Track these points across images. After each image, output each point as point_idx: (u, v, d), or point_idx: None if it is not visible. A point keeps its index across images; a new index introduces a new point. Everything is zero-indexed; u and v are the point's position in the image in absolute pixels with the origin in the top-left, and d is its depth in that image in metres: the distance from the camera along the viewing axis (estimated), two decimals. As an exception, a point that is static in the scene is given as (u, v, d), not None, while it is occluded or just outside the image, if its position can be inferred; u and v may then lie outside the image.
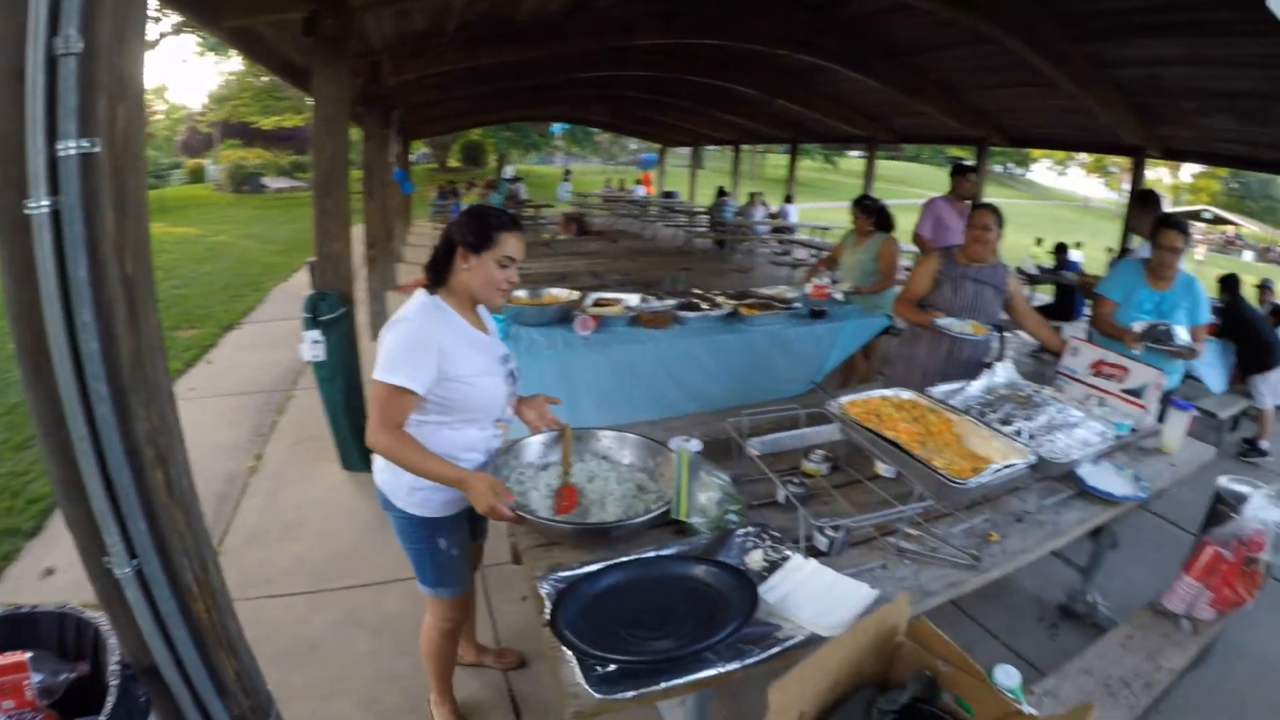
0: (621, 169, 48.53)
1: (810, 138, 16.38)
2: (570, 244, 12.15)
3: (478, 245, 2.34)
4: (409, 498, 2.48)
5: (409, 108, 12.83)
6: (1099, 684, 2.73)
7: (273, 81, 28.74)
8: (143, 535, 1.65)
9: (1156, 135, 8.79)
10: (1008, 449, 2.70)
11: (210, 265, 13.93)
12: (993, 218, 4.17)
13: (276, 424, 6.10)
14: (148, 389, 1.64)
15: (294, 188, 34.83)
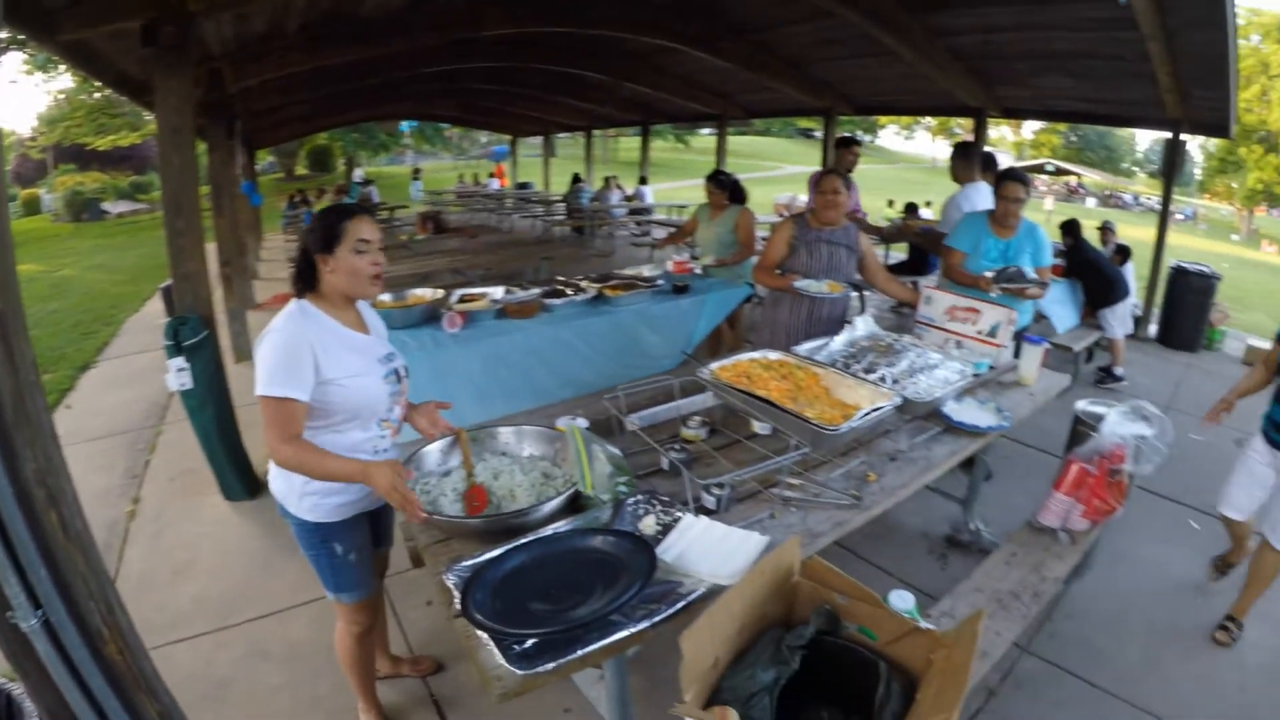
0: (474, 163, 47.94)
1: (661, 119, 16.63)
2: (429, 243, 11.95)
3: (329, 243, 2.33)
4: (300, 503, 2.46)
5: (252, 115, 12.35)
6: (990, 599, 2.93)
7: (106, 98, 27.13)
8: (45, 582, 1.56)
9: (995, 96, 9.29)
10: (874, 394, 2.89)
11: (56, 303, 13.06)
12: (840, 182, 4.32)
13: (150, 463, 5.79)
14: (31, 428, 1.56)
15: (136, 210, 33.09)
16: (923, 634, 1.80)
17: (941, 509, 4.60)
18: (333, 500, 2.47)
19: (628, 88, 13.21)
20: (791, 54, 9.93)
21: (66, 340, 10.10)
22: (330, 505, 2.47)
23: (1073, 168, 47.62)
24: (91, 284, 15.15)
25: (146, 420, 6.72)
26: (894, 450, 3.05)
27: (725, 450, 2.95)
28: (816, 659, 1.82)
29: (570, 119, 19.20)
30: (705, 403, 3.34)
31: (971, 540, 4.34)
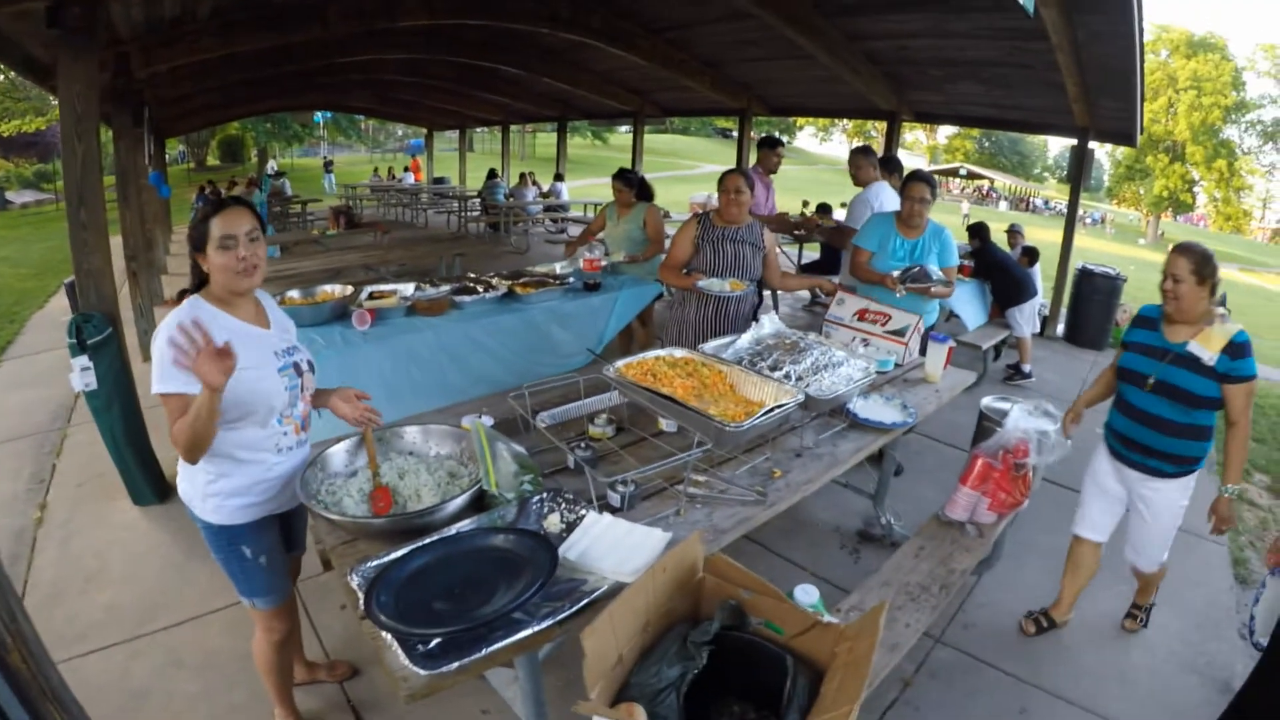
0: (389, 156, 47.25)
1: (578, 114, 16.62)
2: (340, 238, 11.80)
3: (199, 243, 2.31)
4: (204, 505, 2.43)
5: (162, 103, 11.95)
6: (900, 592, 3.03)
7: (10, 81, 25.95)
8: (-58, 590, 1.51)
9: (908, 101, 9.56)
10: (778, 392, 2.91)
11: (-46, 299, 12.46)
12: (742, 180, 4.40)
13: (56, 467, 5.58)
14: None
15: (41, 200, 31.70)
16: (827, 628, 1.87)
17: (854, 504, 4.72)
18: (236, 501, 2.43)
19: (544, 83, 13.17)
20: (708, 54, 10.04)
21: (-35, 340, 9.65)
22: (234, 506, 2.44)
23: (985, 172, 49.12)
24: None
25: (53, 422, 6.47)
26: (799, 447, 3.14)
27: (632, 448, 3.01)
28: (724, 654, 1.86)
29: (487, 113, 19.06)
30: (613, 400, 3.40)
31: (883, 534, 4.46)
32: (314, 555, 2.91)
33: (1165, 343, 3.20)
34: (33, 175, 35.12)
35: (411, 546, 2.13)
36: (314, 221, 16.37)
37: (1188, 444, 3.21)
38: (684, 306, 4.63)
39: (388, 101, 20.05)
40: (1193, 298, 3.09)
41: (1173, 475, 3.27)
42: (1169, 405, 3.17)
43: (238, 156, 43.71)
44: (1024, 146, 61.94)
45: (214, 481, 2.39)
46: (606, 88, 12.82)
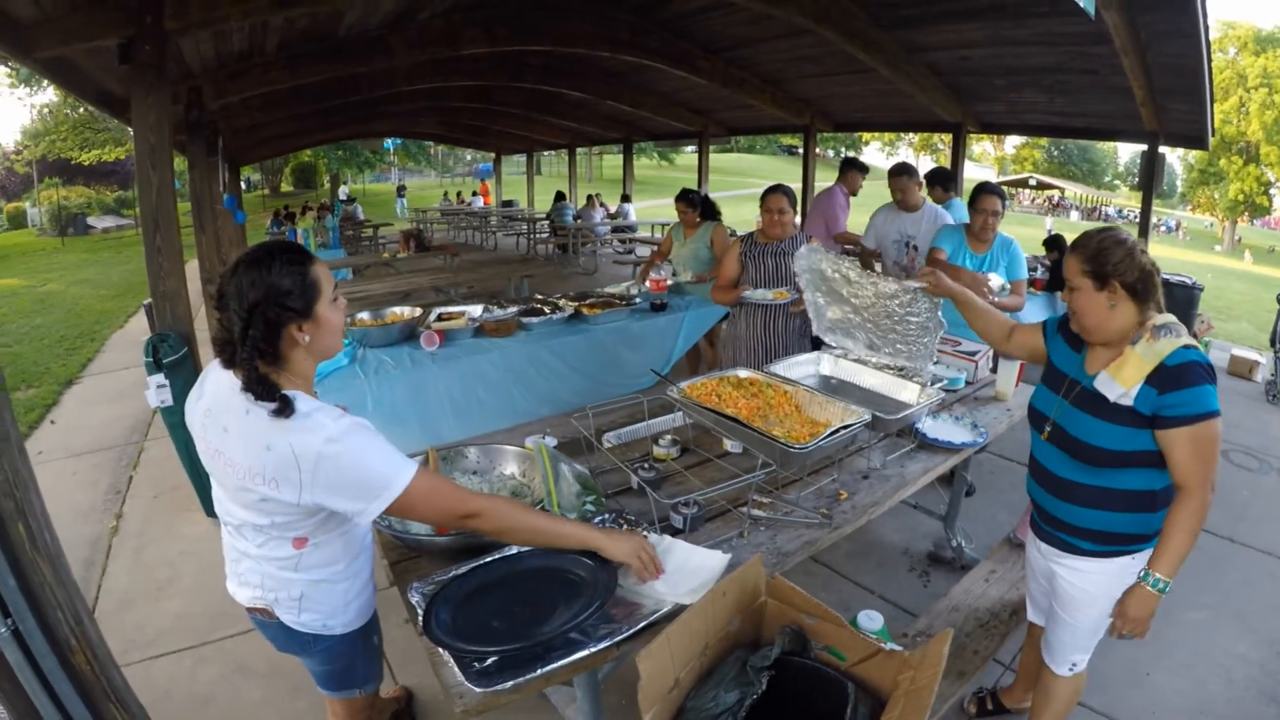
0: (459, 180, 48.01)
1: (643, 136, 16.65)
2: (411, 261, 11.98)
3: (308, 304, 1.84)
4: (346, 613, 2.14)
5: (234, 133, 12.33)
6: (969, 618, 2.93)
7: (90, 113, 27.14)
8: (14, 593, 1.59)
9: (972, 111, 9.39)
10: (844, 412, 2.85)
11: (41, 318, 13.05)
12: (786, 200, 4.39)
13: (133, 479, 5.80)
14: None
15: (121, 226, 33.13)
16: (890, 655, 1.82)
17: (924, 525, 4.62)
18: (370, 589, 2.24)
19: (608, 105, 13.24)
20: (769, 71, 10.02)
21: (50, 355, 10.09)
22: (368, 597, 2.24)
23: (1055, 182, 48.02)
24: (76, 299, 15.12)
25: (130, 436, 6.72)
26: (867, 468, 3.06)
27: (696, 469, 2.98)
28: (784, 680, 1.82)
29: (553, 137, 19.23)
30: (677, 421, 3.38)
31: (953, 557, 4.34)
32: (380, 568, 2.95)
33: (1080, 372, 2.36)
34: (113, 202, 36.68)
35: (472, 564, 2.14)
36: (385, 245, 16.66)
37: (1108, 516, 2.31)
38: (736, 324, 4.66)
39: (455, 128, 20.38)
40: (1095, 310, 2.24)
41: (1095, 555, 2.37)
42: (1067, 461, 2.36)
43: (310, 183, 44.84)
44: (1093, 154, 60.54)
45: (350, 581, 2.12)
46: (670, 108, 12.87)
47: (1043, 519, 2.51)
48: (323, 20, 6.88)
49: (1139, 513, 2.28)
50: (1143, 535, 2.29)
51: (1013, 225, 23.82)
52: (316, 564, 2.00)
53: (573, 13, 8.24)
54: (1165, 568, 2.18)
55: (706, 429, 3.09)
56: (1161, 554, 2.19)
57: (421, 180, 52.75)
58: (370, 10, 6.83)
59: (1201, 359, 2.12)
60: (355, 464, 1.76)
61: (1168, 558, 2.17)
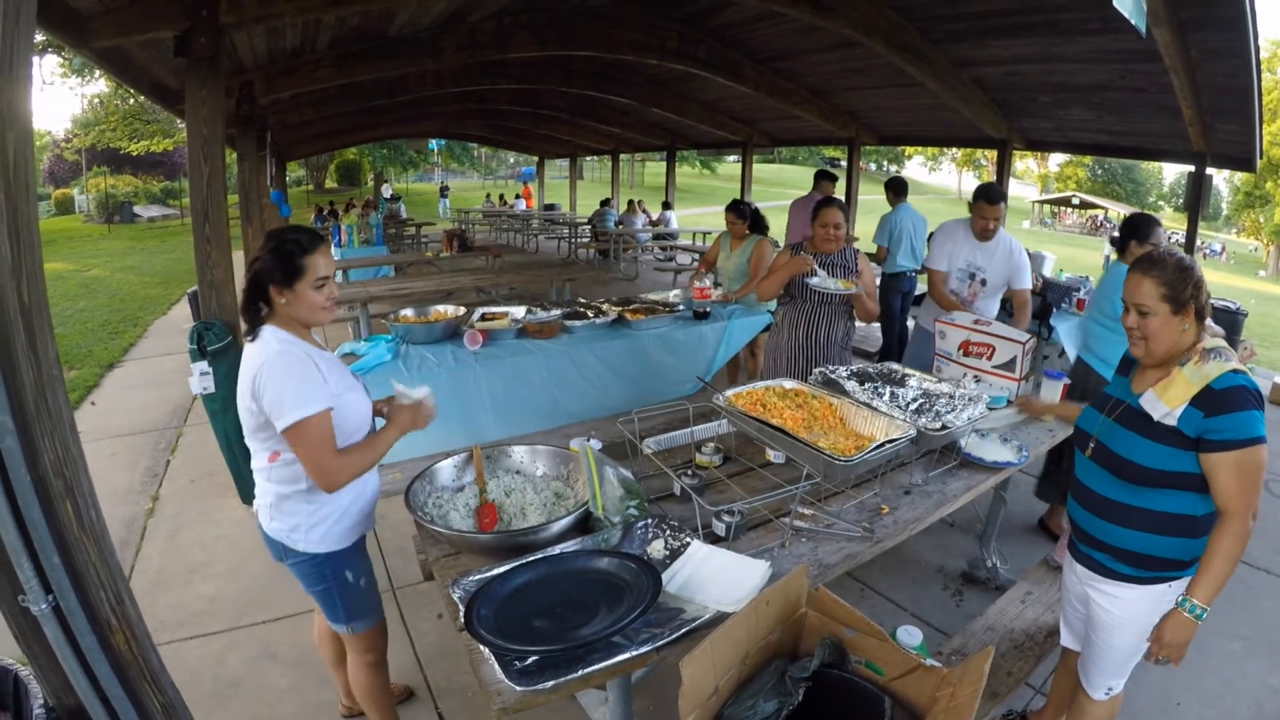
0: (501, 183, 48.32)
1: (686, 144, 16.66)
2: (453, 261, 12.06)
3: (289, 277, 2.29)
4: (308, 535, 2.41)
5: (283, 128, 12.53)
6: (1004, 638, 2.89)
7: (140, 104, 27.54)
8: (57, 569, 1.60)
9: (1019, 128, 9.29)
10: (889, 426, 2.82)
11: (85, 302, 13.29)
12: (841, 216, 4.33)
13: (170, 463, 5.89)
14: (51, 419, 1.60)
15: (167, 216, 33.73)
16: (929, 671, 1.80)
17: (959, 544, 4.57)
18: (342, 525, 2.45)
19: (653, 112, 13.29)
20: (815, 83, 10.00)
21: (94, 339, 10.28)
22: (341, 531, 2.46)
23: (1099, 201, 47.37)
24: (120, 285, 15.39)
25: (170, 421, 6.82)
26: (909, 484, 3.04)
27: (739, 478, 2.97)
28: (821, 692, 1.81)
29: (596, 142, 19.33)
30: (721, 429, 3.37)
31: (988, 577, 4.28)
32: (414, 564, 2.96)
33: (1126, 392, 2.34)
34: (160, 192, 37.29)
35: (515, 563, 2.14)
36: (427, 244, 16.80)
37: (1148, 539, 2.26)
38: (777, 334, 4.62)
39: (500, 130, 20.54)
40: (1169, 335, 2.18)
41: (1132, 580, 2.32)
42: (1109, 480, 2.31)
43: (355, 180, 45.34)
44: (1138, 174, 59.49)
45: (319, 509, 2.39)
46: (714, 117, 12.88)
47: (1081, 539, 2.46)
48: (375, 19, 6.96)
49: (1179, 537, 2.22)
50: (1181, 561, 2.25)
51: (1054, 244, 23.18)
52: (283, 479, 2.37)
53: (622, 19, 8.28)
54: (1203, 594, 2.12)
55: (750, 438, 3.08)
56: (1200, 580, 2.13)
57: (464, 181, 53.15)
58: (422, 11, 6.90)
59: (1250, 384, 2.09)
60: (277, 382, 2.20)
61: (1206, 584, 2.12)
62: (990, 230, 4.75)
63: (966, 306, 4.71)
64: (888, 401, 3.12)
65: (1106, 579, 2.37)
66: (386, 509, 2.57)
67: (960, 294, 4.90)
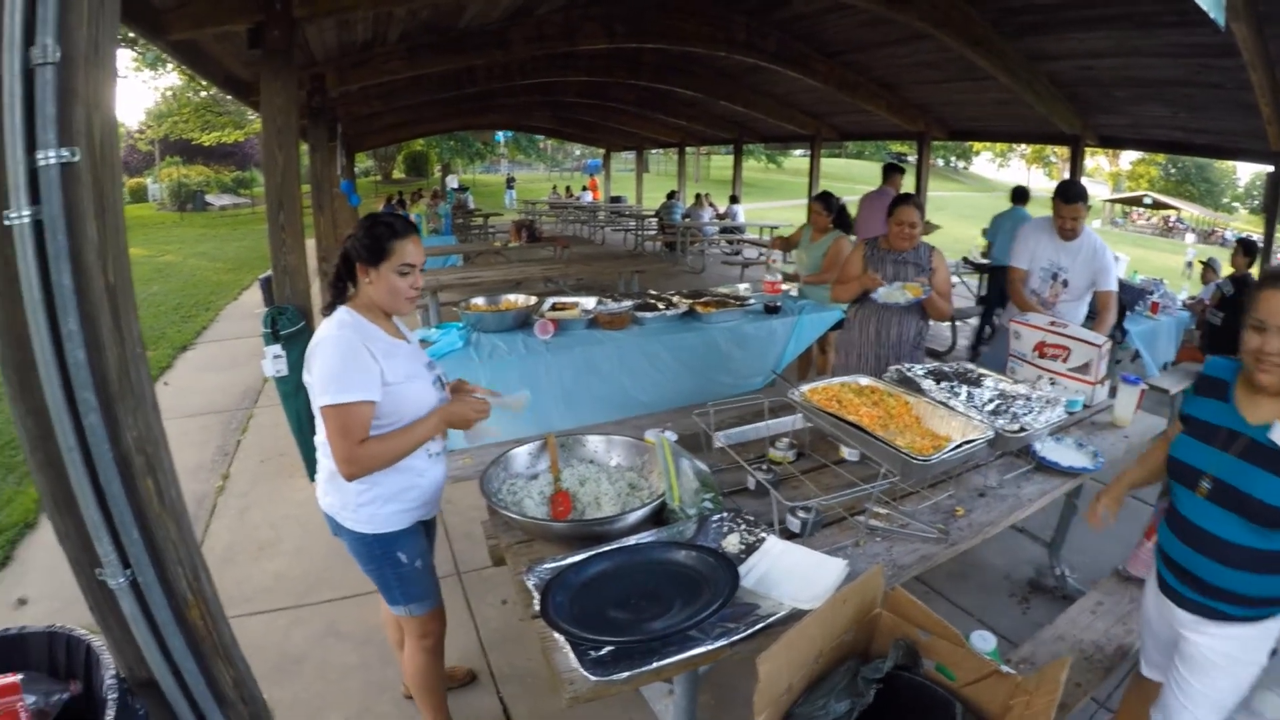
0: (567, 175, 48.51)
1: (754, 137, 16.56)
2: (521, 251, 12.15)
3: (375, 258, 2.32)
4: (355, 515, 2.42)
5: (353, 119, 12.74)
6: (1072, 649, 2.81)
7: (212, 96, 28.25)
8: (136, 545, 1.64)
9: (1092, 124, 9.05)
10: (966, 427, 2.77)
11: (158, 286, 13.66)
12: (917, 214, 4.27)
13: (241, 443, 6.03)
14: (134, 397, 1.63)
15: (238, 204, 34.58)
16: (1003, 678, 1.77)
17: (1027, 550, 4.44)
18: (391, 508, 2.44)
19: (721, 105, 13.23)
20: (885, 76, 9.86)
21: (167, 322, 10.58)
22: (389, 513, 2.44)
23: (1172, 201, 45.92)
24: (193, 270, 15.79)
25: (240, 402, 6.99)
26: (984, 486, 2.98)
27: (812, 474, 2.94)
28: (891, 694, 1.79)
29: (663, 135, 19.31)
30: (793, 425, 3.33)
31: (1056, 585, 4.16)
32: (480, 548, 2.97)
33: (1238, 422, 2.05)
34: (231, 181, 38.19)
35: (591, 552, 2.14)
36: (495, 234, 16.96)
37: (1272, 580, 2.03)
38: (850, 331, 4.57)
39: (567, 122, 20.63)
40: None
41: (1240, 620, 2.09)
42: (1235, 522, 2.00)
43: (422, 171, 45.86)
44: (1211, 173, 57.20)
45: (366, 490, 2.39)
46: (783, 110, 12.77)
47: (1185, 582, 2.16)
48: (444, 12, 7.03)
49: None
50: None
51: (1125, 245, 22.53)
52: None
53: (690, 12, 8.25)
54: None
55: (824, 434, 3.06)
56: None
57: (530, 173, 53.48)
58: (492, 3, 6.95)
59: None
60: (325, 360, 2.23)
61: None
62: (1070, 229, 4.60)
63: (1047, 308, 4.59)
64: (964, 401, 3.07)
65: (1216, 621, 2.12)
66: (454, 494, 2.58)
67: (1041, 294, 4.76)
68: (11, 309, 1.50)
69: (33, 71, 1.41)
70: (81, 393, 1.53)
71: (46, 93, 1.42)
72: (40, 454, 1.60)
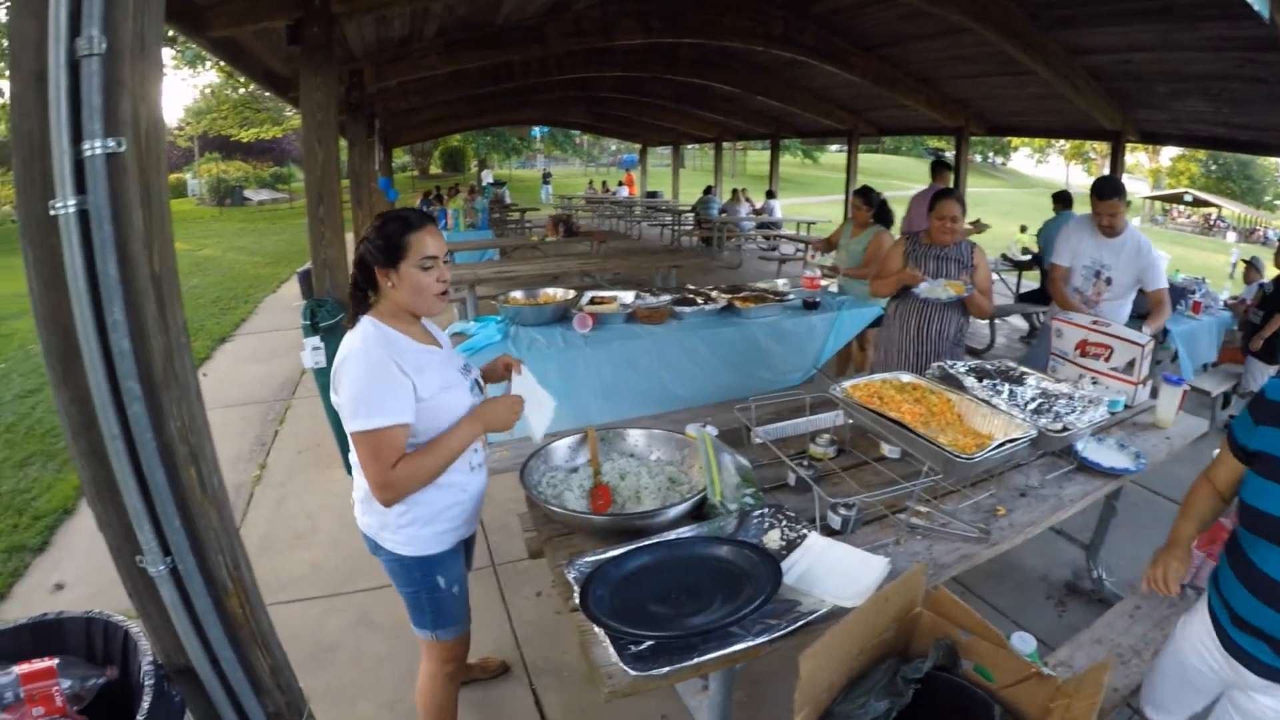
0: (603, 170, 48.60)
1: (791, 132, 16.47)
2: (558, 245, 12.16)
3: (392, 257, 2.14)
4: (396, 536, 2.28)
5: (390, 115, 12.83)
6: (1110, 653, 2.76)
7: (250, 93, 28.65)
8: (178, 533, 1.65)
9: (1133, 119, 8.89)
10: (1008, 425, 2.73)
11: (198, 279, 13.87)
12: (958, 208, 4.25)
13: (278, 433, 6.10)
14: (179, 386, 1.65)
15: (276, 199, 35.06)
16: (1044, 680, 1.73)
17: (1064, 552, 4.37)
18: (431, 529, 2.29)
19: (758, 100, 13.17)
20: (923, 70, 9.76)
21: (206, 314, 10.73)
22: (430, 535, 2.30)
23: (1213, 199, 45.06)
24: (232, 264, 16.03)
25: (279, 394, 7.07)
26: (1025, 486, 2.94)
27: (852, 471, 2.91)
28: (929, 694, 1.77)
29: (699, 130, 19.25)
30: (832, 421, 3.31)
31: (1093, 588, 4.10)
32: (516, 540, 2.96)
33: None
34: (269, 177, 38.77)
35: (631, 546, 2.13)
36: (532, 229, 17.03)
37: None
38: (890, 328, 4.54)
39: (603, 117, 20.66)
40: None
41: None
42: None
43: (459, 166, 46.16)
44: (1254, 170, 55.92)
45: (406, 511, 2.25)
46: (820, 105, 12.69)
47: (1266, 643, 1.84)
48: (481, 8, 7.06)
49: None
50: None
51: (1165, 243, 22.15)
52: None
53: (727, 7, 8.23)
54: None
55: (864, 430, 3.03)
56: None
57: (566, 168, 53.69)
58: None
59: None
60: (352, 381, 2.06)
61: None
62: (1109, 226, 4.53)
63: (1089, 307, 4.53)
64: (1006, 400, 3.03)
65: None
66: (490, 486, 2.57)
67: (1084, 292, 4.70)
68: (56, 298, 1.52)
69: (78, 63, 1.43)
70: (126, 381, 1.54)
71: (92, 84, 1.43)
72: (83, 442, 1.62)
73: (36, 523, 4.68)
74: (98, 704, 1.79)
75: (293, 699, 2.07)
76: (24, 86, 1.46)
